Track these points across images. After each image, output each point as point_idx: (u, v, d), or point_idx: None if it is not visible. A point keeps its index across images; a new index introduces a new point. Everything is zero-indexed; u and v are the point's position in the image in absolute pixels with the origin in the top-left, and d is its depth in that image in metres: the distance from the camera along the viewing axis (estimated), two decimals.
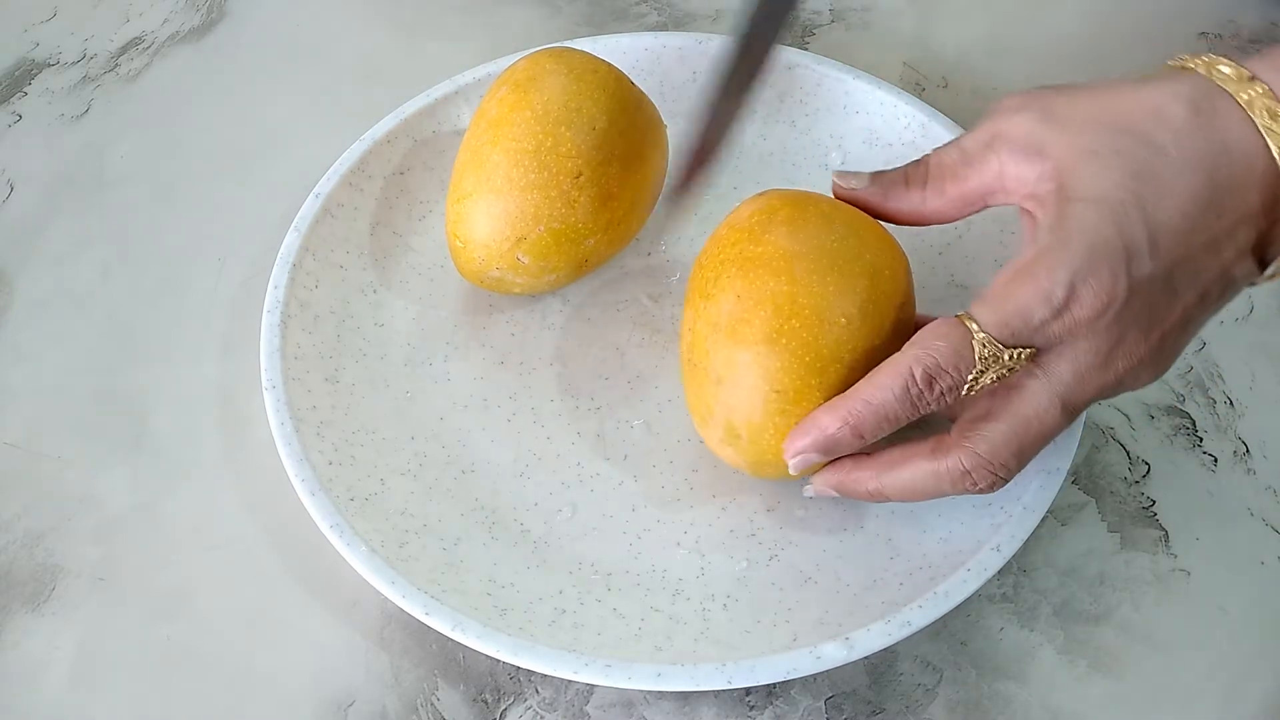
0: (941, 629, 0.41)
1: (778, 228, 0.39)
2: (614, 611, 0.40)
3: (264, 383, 0.43)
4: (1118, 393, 0.37)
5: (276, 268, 0.46)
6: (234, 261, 0.51)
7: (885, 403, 0.36)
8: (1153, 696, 0.40)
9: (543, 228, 0.44)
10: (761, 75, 0.41)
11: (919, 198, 0.40)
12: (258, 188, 0.53)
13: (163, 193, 0.54)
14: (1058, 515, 0.43)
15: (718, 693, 0.40)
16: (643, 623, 0.39)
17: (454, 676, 0.40)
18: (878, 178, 0.41)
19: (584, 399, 0.46)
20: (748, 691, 0.40)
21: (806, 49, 0.56)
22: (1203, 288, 0.36)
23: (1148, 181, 0.35)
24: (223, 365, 0.48)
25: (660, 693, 0.40)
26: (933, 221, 0.41)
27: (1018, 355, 0.35)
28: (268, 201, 0.52)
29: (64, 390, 0.47)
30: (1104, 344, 0.35)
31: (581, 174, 0.44)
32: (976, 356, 0.35)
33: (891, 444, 0.38)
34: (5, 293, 0.50)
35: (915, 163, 0.40)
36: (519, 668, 0.40)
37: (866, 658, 0.39)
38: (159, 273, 0.51)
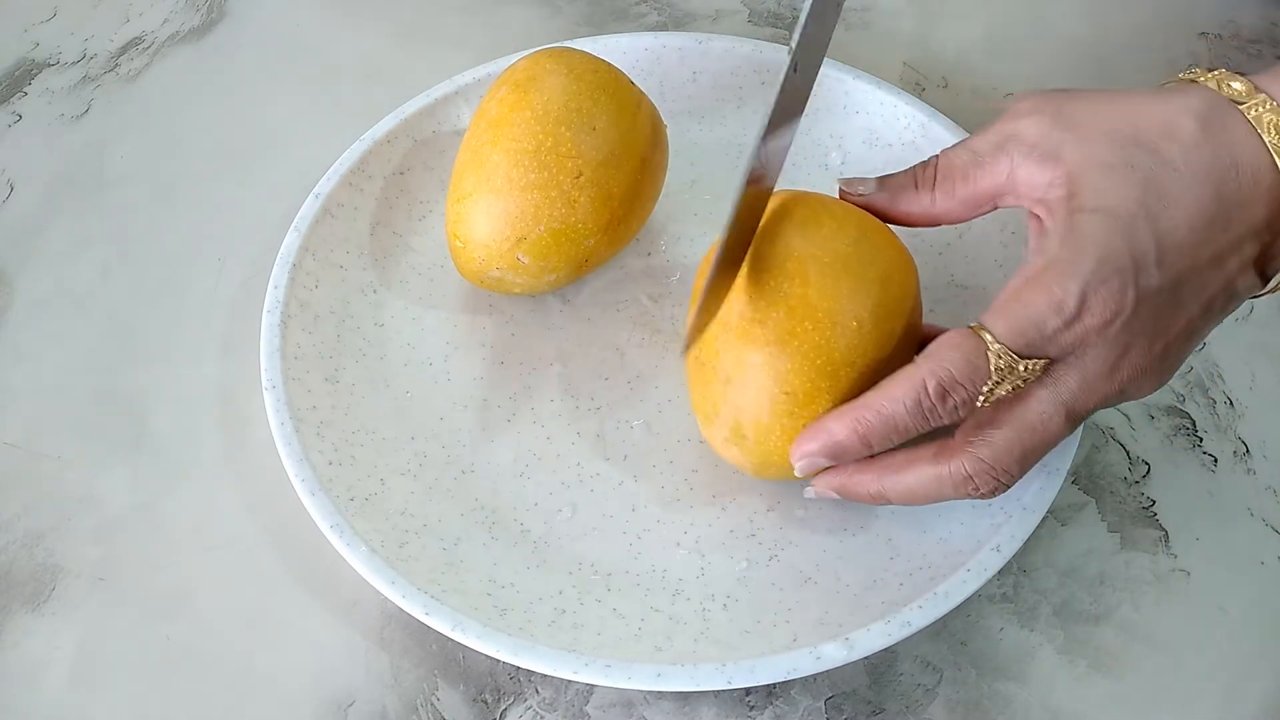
0: (941, 629, 0.41)
1: (791, 229, 0.39)
2: (614, 611, 0.40)
3: (264, 383, 0.43)
4: (1121, 401, 0.37)
5: (276, 268, 0.46)
6: (234, 261, 0.51)
7: (896, 414, 0.36)
8: (1153, 696, 0.40)
9: (543, 228, 0.44)
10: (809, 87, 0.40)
11: (928, 199, 0.40)
12: (258, 188, 0.53)
13: (163, 193, 0.54)
14: (1058, 515, 0.43)
15: (718, 693, 0.40)
16: (643, 623, 0.39)
17: (454, 676, 0.40)
18: (884, 182, 0.41)
19: (584, 399, 0.46)
20: (748, 692, 0.40)
21: None
22: (1207, 299, 0.36)
23: (1157, 195, 0.35)
24: (223, 365, 0.48)
25: (660, 693, 0.40)
26: (942, 223, 0.41)
27: (1032, 366, 0.35)
28: (268, 201, 0.52)
29: (64, 390, 0.47)
30: (1111, 353, 0.35)
31: (581, 174, 0.44)
32: (992, 368, 0.35)
33: (894, 447, 0.38)
34: (5, 293, 0.50)
35: (923, 164, 0.40)
36: (519, 668, 0.40)
37: (866, 658, 0.39)
38: (159, 273, 0.51)
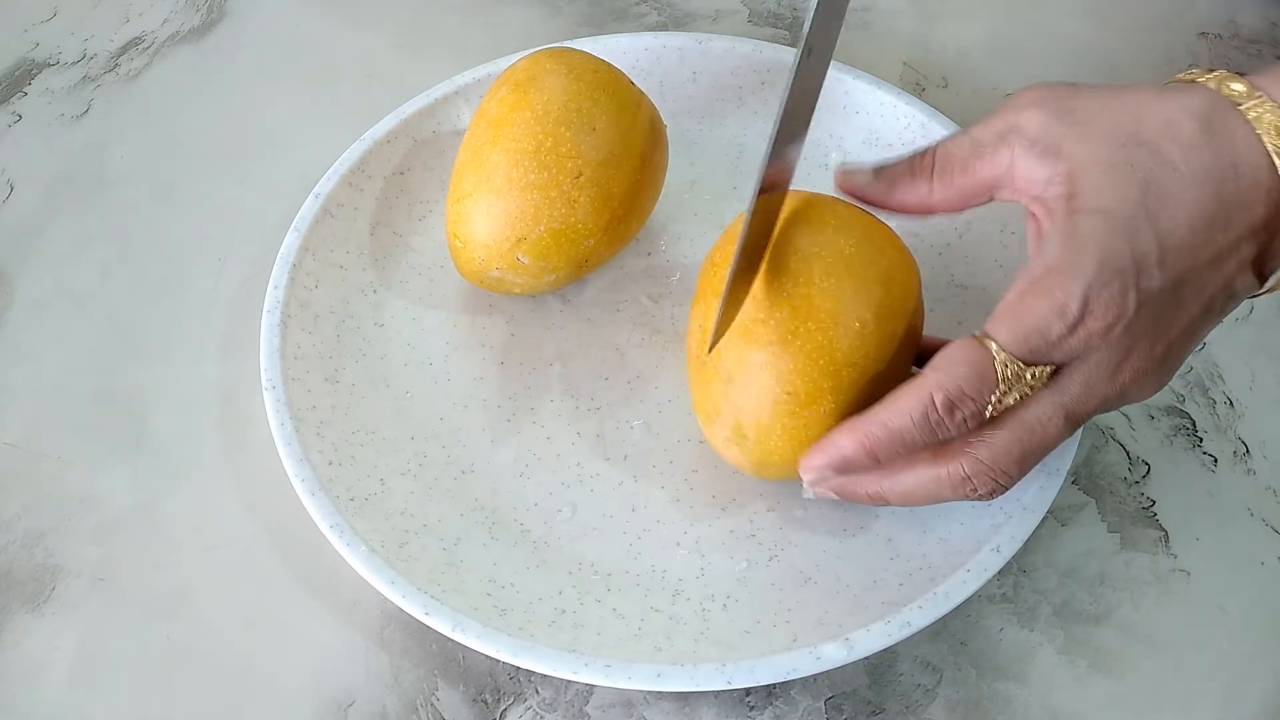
0: (941, 629, 0.41)
1: (795, 229, 0.39)
2: (614, 612, 0.40)
3: (264, 383, 0.43)
4: (1121, 404, 0.37)
5: (276, 268, 0.46)
6: (234, 261, 0.51)
7: (904, 428, 0.36)
8: (1153, 696, 0.40)
9: (543, 228, 0.44)
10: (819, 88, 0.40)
11: (925, 189, 0.40)
12: (258, 188, 0.53)
13: (163, 193, 0.54)
14: (1058, 515, 0.43)
15: (718, 693, 0.40)
16: (643, 623, 0.39)
17: (454, 676, 0.40)
18: (881, 172, 0.40)
19: (584, 399, 0.46)
20: (747, 692, 0.40)
21: None
22: (1207, 300, 0.36)
23: (1157, 195, 0.35)
24: (223, 365, 0.48)
25: (660, 693, 0.40)
26: (937, 212, 0.40)
27: (1039, 373, 0.35)
28: (268, 201, 0.52)
29: (64, 390, 0.47)
30: (1113, 356, 0.35)
31: (581, 174, 0.44)
32: (999, 377, 0.35)
33: None
34: (5, 293, 0.50)
35: (920, 153, 0.40)
36: (519, 668, 0.40)
37: (866, 658, 0.39)
38: (159, 273, 0.51)
